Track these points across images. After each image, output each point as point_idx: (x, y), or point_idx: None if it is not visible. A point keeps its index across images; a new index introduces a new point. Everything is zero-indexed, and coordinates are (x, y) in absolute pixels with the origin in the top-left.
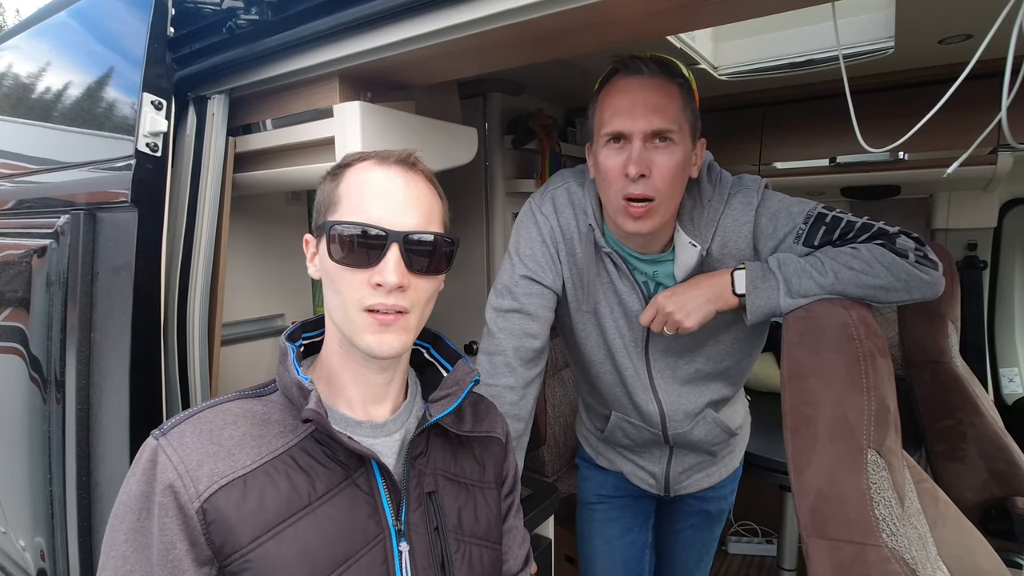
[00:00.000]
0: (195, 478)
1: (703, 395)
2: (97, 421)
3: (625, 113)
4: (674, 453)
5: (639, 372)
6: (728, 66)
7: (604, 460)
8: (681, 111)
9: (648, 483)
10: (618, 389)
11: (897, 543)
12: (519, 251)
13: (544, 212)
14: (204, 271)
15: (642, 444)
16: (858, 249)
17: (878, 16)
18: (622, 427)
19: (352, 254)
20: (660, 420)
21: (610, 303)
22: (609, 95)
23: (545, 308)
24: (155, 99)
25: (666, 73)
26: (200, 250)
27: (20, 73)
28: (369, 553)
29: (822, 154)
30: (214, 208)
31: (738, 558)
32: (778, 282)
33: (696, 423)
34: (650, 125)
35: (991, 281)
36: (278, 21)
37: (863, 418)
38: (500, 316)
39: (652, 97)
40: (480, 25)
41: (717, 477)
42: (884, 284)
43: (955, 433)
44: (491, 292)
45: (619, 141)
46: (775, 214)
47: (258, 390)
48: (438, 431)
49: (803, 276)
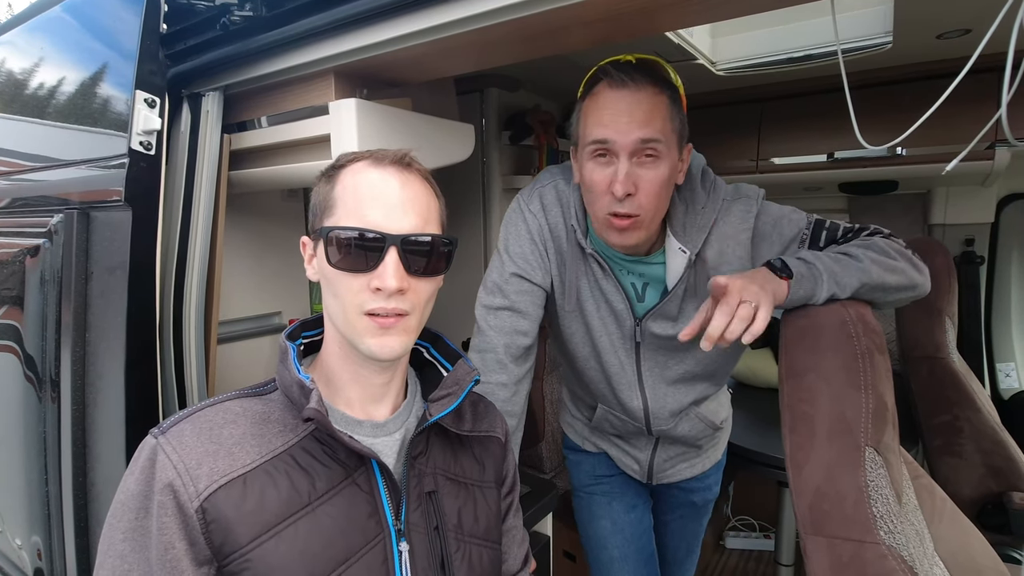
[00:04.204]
0: (194, 477)
1: (689, 395)
2: (93, 420)
3: (611, 127)
4: (659, 443)
5: (626, 369)
6: (726, 61)
7: (591, 445)
8: (669, 123)
9: (632, 468)
10: (603, 385)
11: (894, 540)
12: (508, 248)
13: (532, 210)
14: (200, 269)
15: (627, 434)
16: (869, 240)
17: (876, 11)
18: (608, 419)
19: (350, 258)
20: (644, 416)
21: (596, 301)
22: (595, 106)
23: (535, 306)
24: (148, 96)
25: (654, 82)
26: (196, 248)
27: (11, 70)
28: (369, 553)
29: (820, 149)
30: (209, 206)
31: (736, 552)
32: (820, 273)
33: (680, 420)
34: (638, 137)
35: (988, 276)
36: (272, 17)
37: (861, 416)
38: (491, 313)
39: (640, 111)
40: (476, 22)
41: (700, 468)
42: (903, 273)
43: (952, 428)
44: (481, 289)
45: (605, 155)
46: (777, 220)
47: (258, 389)
48: (438, 431)
49: (842, 267)
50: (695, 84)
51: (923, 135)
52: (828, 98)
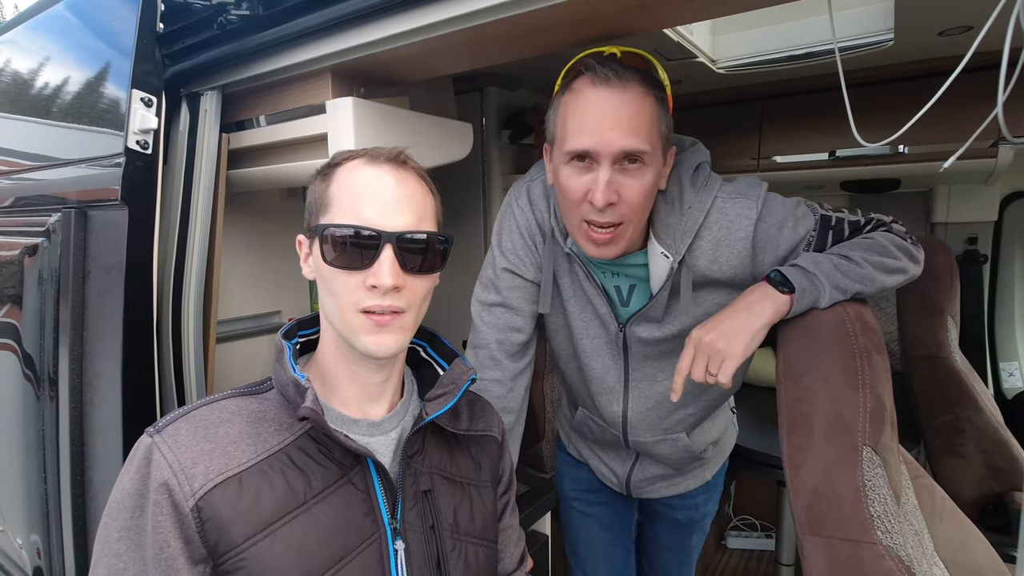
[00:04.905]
0: (190, 476)
1: (674, 414)
2: (90, 419)
3: (593, 131)
4: (639, 460)
5: (609, 374)
6: (726, 59)
7: (574, 450)
8: (656, 129)
9: (611, 480)
10: (582, 388)
11: (892, 540)
12: (501, 244)
13: (520, 205)
14: (198, 268)
15: (606, 443)
16: (871, 237)
17: (877, 8)
18: (587, 423)
19: (345, 256)
20: (622, 425)
21: (580, 303)
22: (574, 104)
23: (528, 301)
24: (145, 96)
25: (642, 81)
26: (194, 247)
27: (9, 68)
28: (365, 551)
29: (821, 148)
30: (208, 205)
31: (737, 552)
32: (823, 285)
33: (661, 440)
34: (622, 147)
35: (991, 275)
36: (269, 16)
37: (859, 415)
38: (485, 309)
39: (624, 114)
40: (471, 20)
41: (684, 487)
42: (902, 272)
43: (953, 428)
44: (477, 284)
45: (584, 160)
46: (781, 225)
47: (254, 387)
48: (434, 430)
49: (844, 273)
50: (695, 82)
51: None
52: (829, 96)
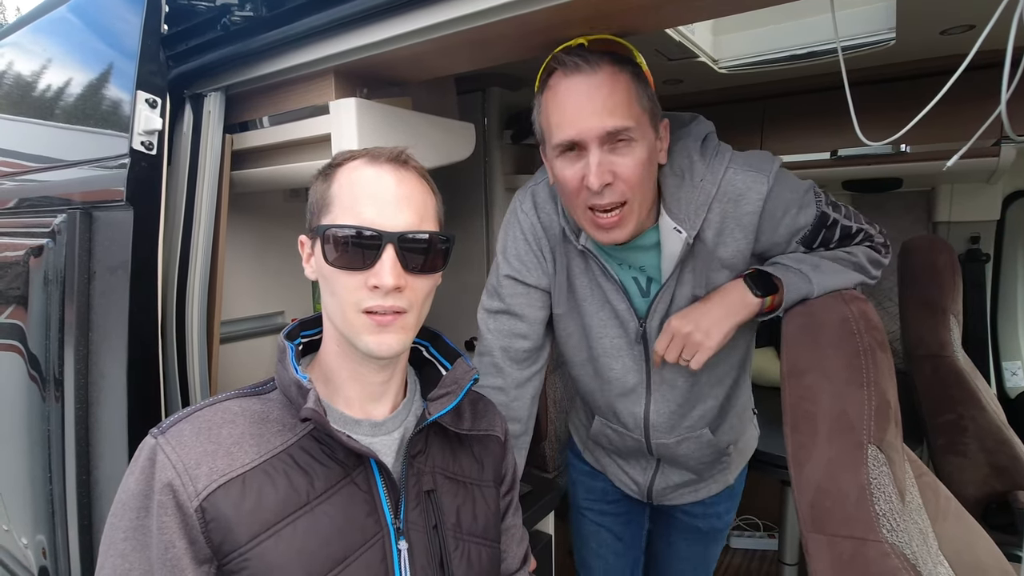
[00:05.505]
0: (194, 476)
1: (695, 408)
2: (96, 420)
3: (573, 120)
4: (660, 466)
5: (629, 376)
6: (728, 59)
7: (590, 457)
8: (636, 102)
9: (631, 488)
10: (598, 395)
11: (897, 538)
12: (505, 250)
13: (524, 209)
14: (202, 269)
15: (626, 451)
16: (852, 252)
17: (879, 7)
18: (605, 433)
19: (347, 256)
20: (644, 428)
21: (597, 301)
22: (552, 99)
23: (532, 307)
24: (149, 97)
25: (612, 62)
26: (198, 248)
27: (14, 71)
28: (368, 551)
29: (823, 147)
30: (212, 205)
31: (740, 552)
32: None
33: (685, 439)
34: (604, 128)
35: (994, 274)
36: (272, 17)
37: (863, 413)
38: (489, 317)
39: (600, 95)
40: (474, 20)
41: (706, 493)
42: (863, 279)
43: (956, 427)
44: (483, 292)
45: (573, 149)
46: (787, 208)
47: (257, 388)
48: (437, 429)
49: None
50: (697, 82)
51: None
52: (831, 95)
